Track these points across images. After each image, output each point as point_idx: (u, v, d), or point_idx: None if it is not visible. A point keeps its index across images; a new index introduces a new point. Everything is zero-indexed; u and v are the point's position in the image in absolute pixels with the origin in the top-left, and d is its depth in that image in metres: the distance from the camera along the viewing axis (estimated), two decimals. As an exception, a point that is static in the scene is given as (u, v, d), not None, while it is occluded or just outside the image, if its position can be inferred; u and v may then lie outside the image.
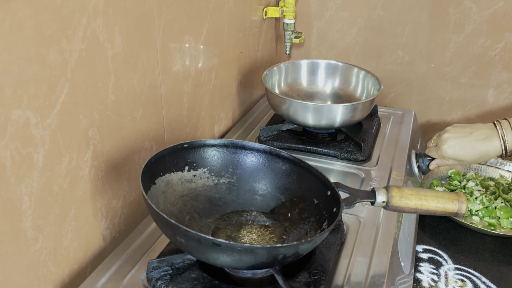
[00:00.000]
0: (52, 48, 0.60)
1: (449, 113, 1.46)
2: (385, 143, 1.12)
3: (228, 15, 1.08)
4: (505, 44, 1.32)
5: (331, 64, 1.24)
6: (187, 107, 0.96)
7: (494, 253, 1.01)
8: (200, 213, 0.75)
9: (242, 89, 1.25)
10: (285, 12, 1.34)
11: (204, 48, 0.99)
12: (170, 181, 0.74)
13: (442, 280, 0.91)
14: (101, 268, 0.71)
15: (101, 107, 0.71)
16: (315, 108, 1.03)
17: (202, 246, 0.59)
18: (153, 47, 0.81)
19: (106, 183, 0.76)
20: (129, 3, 0.73)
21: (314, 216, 0.73)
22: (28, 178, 0.60)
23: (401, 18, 1.40)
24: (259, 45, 1.32)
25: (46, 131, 0.61)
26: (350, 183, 0.94)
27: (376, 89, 1.11)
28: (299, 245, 0.60)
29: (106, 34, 0.69)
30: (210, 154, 0.79)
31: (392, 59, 1.46)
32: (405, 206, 0.71)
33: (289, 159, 0.78)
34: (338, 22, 1.47)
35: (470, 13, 1.32)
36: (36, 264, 0.64)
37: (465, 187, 1.23)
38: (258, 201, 0.79)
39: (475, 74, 1.38)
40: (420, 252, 0.97)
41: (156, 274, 0.67)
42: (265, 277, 0.69)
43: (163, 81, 0.86)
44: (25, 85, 0.57)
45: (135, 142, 0.81)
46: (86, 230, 0.73)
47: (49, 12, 0.59)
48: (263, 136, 1.10)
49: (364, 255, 0.75)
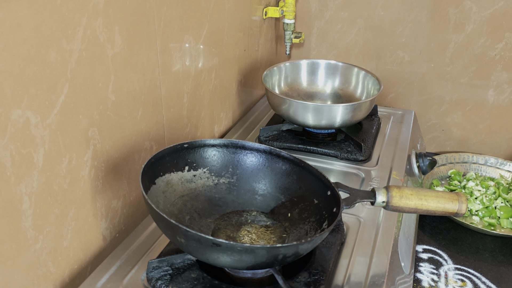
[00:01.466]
0: (52, 48, 0.60)
1: (449, 113, 1.46)
2: (385, 143, 1.12)
3: (228, 15, 1.08)
4: (505, 44, 1.32)
5: (331, 64, 1.24)
6: (187, 107, 0.96)
7: (494, 253, 1.01)
8: (200, 213, 0.75)
9: (242, 89, 1.25)
10: (285, 12, 1.34)
11: (204, 48, 0.99)
12: (170, 181, 0.74)
13: (442, 280, 0.91)
14: (101, 268, 0.71)
15: (101, 107, 0.71)
16: (315, 108, 1.03)
17: (202, 246, 0.59)
18: (153, 47, 0.81)
19: (106, 183, 0.76)
20: (129, 3, 0.73)
21: (314, 216, 0.73)
22: (28, 178, 0.60)
23: (401, 18, 1.40)
24: (259, 45, 1.32)
25: (46, 131, 0.61)
26: (350, 183, 0.94)
27: (376, 89, 1.11)
28: (299, 245, 0.60)
29: (106, 34, 0.69)
30: (210, 154, 0.79)
31: (392, 59, 1.46)
32: (405, 206, 0.71)
33: (289, 159, 0.78)
34: (338, 22, 1.47)
35: (470, 13, 1.32)
36: (36, 264, 0.64)
37: (465, 187, 1.23)
38: (258, 201, 0.79)
39: (475, 74, 1.38)
40: (420, 252, 0.98)
41: (156, 274, 0.67)
42: (265, 277, 0.69)
43: (163, 81, 0.86)
44: (25, 85, 0.57)
45: (135, 142, 0.81)
46: (86, 230, 0.73)
47: (49, 12, 0.59)
48: (263, 136, 1.10)
49: (364, 255, 0.75)
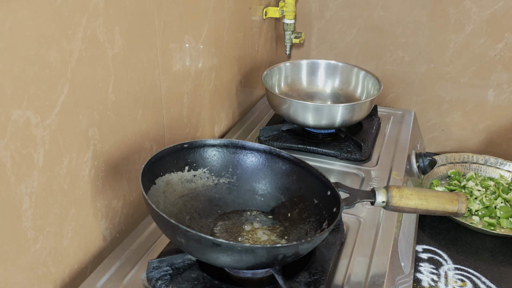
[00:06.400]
0: (52, 48, 0.60)
1: (449, 113, 1.46)
2: (385, 143, 1.12)
3: (228, 15, 1.08)
4: (505, 44, 1.32)
5: (331, 64, 1.24)
6: (187, 107, 0.97)
7: (494, 253, 1.01)
8: (200, 213, 0.75)
9: (242, 89, 1.25)
10: (285, 12, 1.34)
11: (204, 48, 0.99)
12: (170, 181, 0.74)
13: (442, 280, 0.91)
14: (101, 268, 0.71)
15: (101, 107, 0.71)
16: (315, 108, 1.03)
17: (202, 246, 0.59)
18: (153, 47, 0.81)
19: (106, 183, 0.76)
20: (129, 3, 0.73)
21: (314, 216, 0.73)
22: (28, 178, 0.60)
23: (401, 18, 1.40)
24: (259, 45, 1.32)
25: (46, 131, 0.61)
26: (350, 183, 0.94)
27: (376, 89, 1.11)
28: (299, 245, 0.60)
29: (106, 34, 0.69)
30: (210, 154, 0.79)
31: (392, 59, 1.46)
32: (405, 206, 0.71)
33: (289, 159, 0.78)
34: (338, 22, 1.47)
35: (470, 13, 1.32)
36: (36, 264, 0.64)
37: (465, 187, 1.23)
38: (258, 201, 0.79)
39: (475, 74, 1.38)
40: (420, 252, 0.98)
41: (156, 274, 0.67)
42: (265, 277, 0.69)
43: (163, 81, 0.86)
44: (25, 85, 0.57)
45: (135, 142, 0.81)
46: (86, 230, 0.74)
47: (49, 12, 0.59)
48: (263, 136, 1.10)
49: (364, 255, 0.75)
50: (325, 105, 1.14)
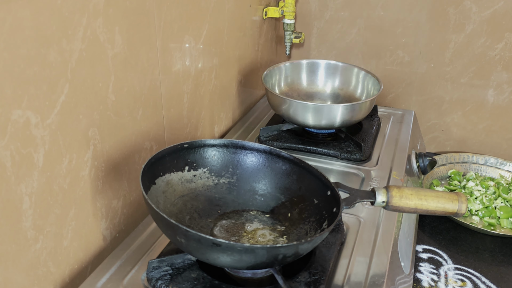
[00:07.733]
0: (52, 48, 0.60)
1: (449, 113, 1.46)
2: (385, 143, 1.12)
3: (228, 15, 1.08)
4: (505, 44, 1.32)
5: (331, 64, 1.24)
6: (187, 107, 0.97)
7: (494, 253, 1.01)
8: (200, 213, 0.75)
9: (242, 89, 1.25)
10: (285, 12, 1.34)
11: (204, 48, 0.99)
12: (170, 181, 0.74)
13: (442, 280, 0.91)
14: (101, 268, 0.71)
15: (101, 107, 0.71)
16: (315, 108, 1.03)
17: (202, 246, 0.59)
18: (153, 47, 0.81)
19: (106, 183, 0.76)
20: (129, 3, 0.73)
21: (314, 216, 0.73)
22: (28, 178, 0.60)
23: (401, 18, 1.40)
24: (259, 45, 1.32)
25: (46, 131, 0.61)
26: (350, 183, 0.94)
27: (376, 89, 1.11)
28: (299, 245, 0.60)
29: (106, 34, 0.69)
30: (210, 154, 0.79)
31: (392, 59, 1.46)
32: (405, 206, 0.71)
33: (289, 159, 0.78)
34: (338, 22, 1.47)
35: (470, 13, 1.32)
36: (36, 264, 0.64)
37: (465, 187, 1.23)
38: (258, 201, 0.79)
39: (475, 74, 1.38)
40: (420, 252, 0.98)
41: (156, 274, 0.67)
42: (265, 277, 0.69)
43: (163, 81, 0.86)
44: (25, 85, 0.57)
45: (135, 142, 0.81)
46: (86, 230, 0.74)
47: (49, 12, 0.59)
48: (263, 136, 1.10)
49: (364, 255, 0.75)
50: (325, 105, 1.14)
